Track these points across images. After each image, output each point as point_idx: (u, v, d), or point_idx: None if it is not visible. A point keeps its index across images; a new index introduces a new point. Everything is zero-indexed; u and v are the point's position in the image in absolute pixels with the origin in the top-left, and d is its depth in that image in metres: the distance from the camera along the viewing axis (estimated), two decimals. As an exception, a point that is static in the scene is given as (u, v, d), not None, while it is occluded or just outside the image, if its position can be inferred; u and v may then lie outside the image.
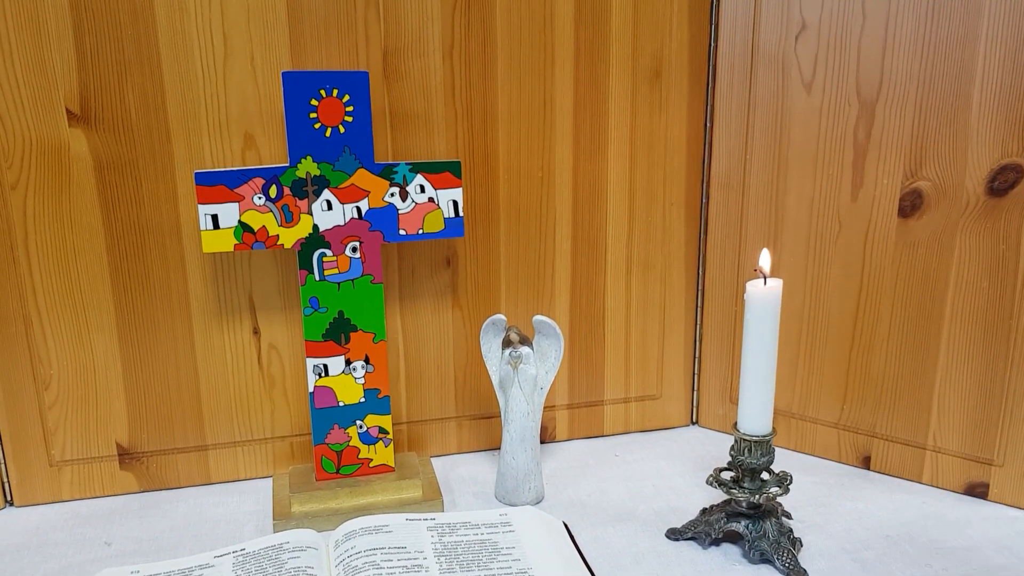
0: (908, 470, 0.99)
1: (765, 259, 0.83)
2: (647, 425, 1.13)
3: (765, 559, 0.84)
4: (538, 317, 0.95)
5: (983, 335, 0.92)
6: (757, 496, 0.84)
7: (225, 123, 0.91)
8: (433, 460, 1.05)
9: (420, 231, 0.92)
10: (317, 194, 0.88)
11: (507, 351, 0.94)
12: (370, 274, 0.91)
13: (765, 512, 0.86)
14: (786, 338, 1.02)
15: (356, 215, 0.89)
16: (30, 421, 0.94)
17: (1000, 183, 0.88)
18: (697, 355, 1.12)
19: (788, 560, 0.83)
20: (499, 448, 0.98)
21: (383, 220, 0.90)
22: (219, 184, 0.85)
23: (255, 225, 0.87)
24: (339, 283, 0.91)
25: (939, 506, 0.94)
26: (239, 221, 0.87)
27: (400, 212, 0.91)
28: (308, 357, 0.92)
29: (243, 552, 0.83)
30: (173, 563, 0.83)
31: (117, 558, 0.87)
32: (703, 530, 0.88)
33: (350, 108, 0.86)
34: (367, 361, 0.93)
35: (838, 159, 0.96)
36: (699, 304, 1.10)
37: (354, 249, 0.90)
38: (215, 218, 0.86)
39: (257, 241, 0.88)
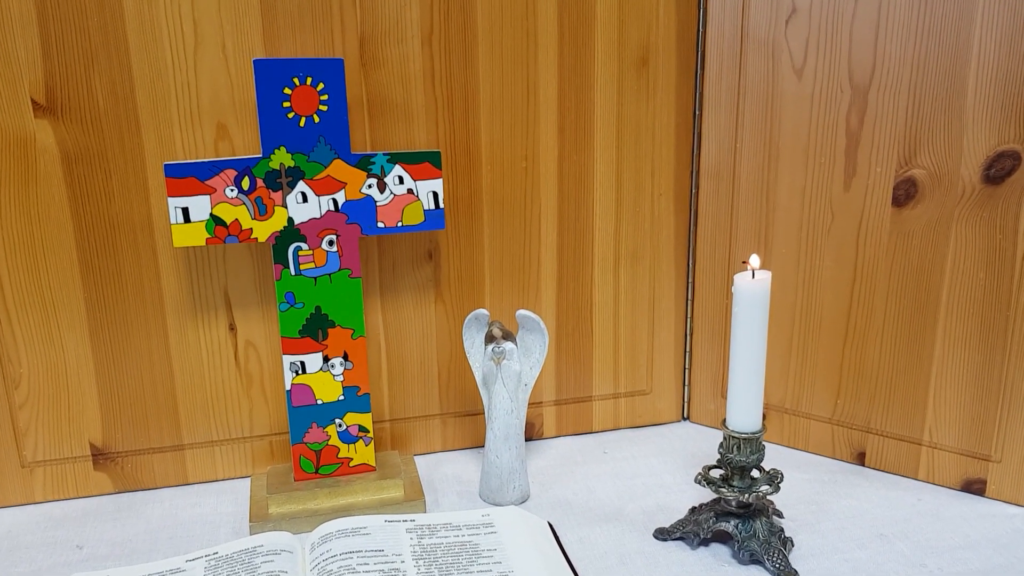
0: (903, 466, 0.97)
1: (755, 261, 0.80)
2: (637, 421, 1.11)
3: (755, 559, 0.82)
4: (521, 311, 0.92)
5: (980, 327, 0.89)
6: (746, 495, 0.82)
7: (196, 113, 0.88)
8: (417, 459, 1.02)
9: (399, 224, 0.89)
10: (291, 186, 0.85)
11: (489, 347, 0.91)
12: (348, 268, 0.89)
13: (755, 511, 0.83)
14: (778, 332, 1.00)
15: (332, 207, 0.87)
16: (0, 421, 0.92)
17: (996, 171, 0.86)
18: (688, 349, 1.09)
19: (778, 560, 0.80)
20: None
21: (361, 212, 0.88)
22: (190, 176, 0.83)
23: (227, 218, 0.85)
24: (315, 278, 0.88)
25: (935, 503, 0.92)
26: (211, 214, 0.84)
27: (378, 204, 0.88)
28: (284, 354, 0.89)
29: (216, 556, 0.81)
30: (143, 567, 0.81)
31: (89, 562, 0.85)
32: (692, 530, 0.85)
33: (325, 97, 0.83)
34: (345, 358, 0.91)
35: (830, 147, 0.94)
36: (689, 297, 1.08)
37: (331, 243, 0.88)
38: (186, 211, 0.83)
39: (230, 235, 0.85)
